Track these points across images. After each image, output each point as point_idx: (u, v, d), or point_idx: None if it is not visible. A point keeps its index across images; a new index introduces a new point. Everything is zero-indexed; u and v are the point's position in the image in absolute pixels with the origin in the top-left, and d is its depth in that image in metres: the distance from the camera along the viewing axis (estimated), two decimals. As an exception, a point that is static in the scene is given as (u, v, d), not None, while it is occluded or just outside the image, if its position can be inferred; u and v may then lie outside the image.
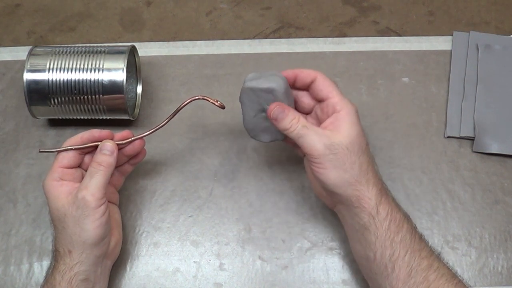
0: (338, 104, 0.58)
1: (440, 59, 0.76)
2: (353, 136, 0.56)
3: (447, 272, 0.54)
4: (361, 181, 0.56)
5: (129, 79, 0.72)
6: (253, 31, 0.80)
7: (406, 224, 0.56)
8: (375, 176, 0.57)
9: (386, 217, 0.55)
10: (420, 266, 0.54)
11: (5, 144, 0.72)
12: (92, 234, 0.57)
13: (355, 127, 0.57)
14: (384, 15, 0.81)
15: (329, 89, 0.59)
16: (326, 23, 0.80)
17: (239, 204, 0.68)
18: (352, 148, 0.56)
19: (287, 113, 0.57)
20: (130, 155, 0.64)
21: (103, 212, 0.57)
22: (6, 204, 0.68)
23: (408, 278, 0.54)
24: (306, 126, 0.57)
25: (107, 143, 0.60)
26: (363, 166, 0.56)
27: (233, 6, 0.82)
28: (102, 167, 0.59)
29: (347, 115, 0.57)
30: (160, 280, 0.65)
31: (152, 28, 0.81)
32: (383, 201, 0.56)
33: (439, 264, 0.55)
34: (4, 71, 0.77)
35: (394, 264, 0.54)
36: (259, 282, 0.64)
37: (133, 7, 0.83)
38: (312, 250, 0.66)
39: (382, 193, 0.56)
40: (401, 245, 0.54)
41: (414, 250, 0.54)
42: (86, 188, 0.57)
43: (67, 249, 0.57)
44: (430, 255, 0.55)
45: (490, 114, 0.72)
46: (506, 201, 0.68)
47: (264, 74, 0.60)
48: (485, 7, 0.81)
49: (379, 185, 0.57)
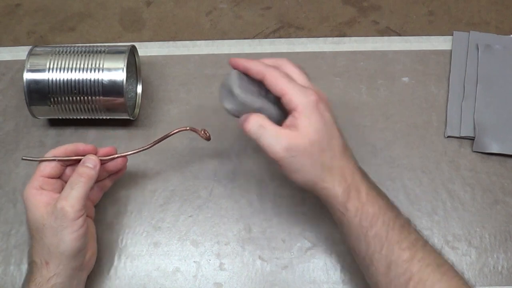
0: (292, 100, 0.54)
1: (440, 59, 0.76)
2: (311, 135, 0.54)
3: (434, 262, 0.53)
4: (325, 179, 0.55)
5: (129, 79, 0.72)
6: (253, 31, 0.80)
7: (382, 217, 0.54)
8: (341, 171, 0.55)
9: (356, 214, 0.54)
10: (401, 258, 0.52)
11: (5, 144, 0.72)
12: (70, 245, 0.56)
13: (314, 123, 0.54)
14: (384, 15, 0.81)
15: (281, 85, 0.55)
16: (326, 23, 0.80)
17: (239, 204, 0.68)
18: (311, 148, 0.54)
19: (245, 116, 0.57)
20: (111, 171, 0.64)
21: (81, 224, 0.57)
22: (6, 204, 0.68)
23: (388, 271, 0.53)
24: (262, 126, 0.55)
25: (90, 157, 0.60)
26: (325, 164, 0.54)
27: (233, 6, 0.82)
28: (83, 179, 0.59)
29: (302, 111, 0.54)
30: (160, 280, 0.65)
31: (152, 28, 0.81)
32: (352, 197, 0.54)
33: (424, 254, 0.53)
34: (4, 71, 0.77)
35: (372, 258, 0.54)
36: (259, 282, 0.64)
37: (133, 7, 0.83)
38: (312, 250, 0.66)
39: (350, 189, 0.54)
40: (376, 240, 0.53)
41: (392, 243, 0.53)
42: (66, 199, 0.57)
43: (44, 260, 0.57)
44: (413, 246, 0.53)
45: (490, 114, 0.72)
46: (506, 201, 0.68)
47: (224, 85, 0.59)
48: (485, 7, 0.81)
49: (348, 180, 0.55)
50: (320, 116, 0.55)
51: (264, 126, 0.55)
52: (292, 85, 0.55)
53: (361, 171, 0.57)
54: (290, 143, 0.54)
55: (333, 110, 0.57)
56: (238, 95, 0.57)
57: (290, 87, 0.55)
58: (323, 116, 0.55)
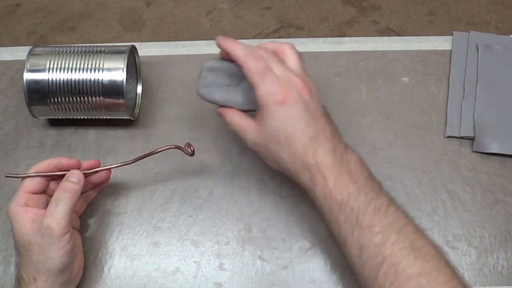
0: (258, 97, 0.57)
1: (440, 59, 0.76)
2: (267, 135, 0.57)
3: (409, 245, 0.52)
4: (290, 170, 0.58)
5: (129, 79, 0.72)
6: (253, 31, 0.80)
7: (352, 203, 0.54)
8: (302, 164, 0.56)
9: (325, 199, 0.55)
10: (372, 242, 0.53)
11: (5, 144, 0.72)
12: (57, 262, 0.56)
13: (271, 123, 0.57)
14: (384, 15, 0.81)
15: (252, 80, 0.57)
16: (326, 23, 0.80)
17: (239, 204, 0.68)
18: (269, 145, 0.58)
19: (221, 114, 0.62)
20: (95, 183, 0.64)
21: (68, 240, 0.57)
22: (6, 204, 0.68)
23: (361, 254, 0.53)
24: (231, 122, 0.60)
25: (74, 171, 0.61)
26: (286, 159, 0.57)
27: (233, 6, 0.82)
28: (68, 194, 0.59)
29: (264, 111, 0.57)
30: (160, 280, 0.65)
31: (152, 28, 0.81)
32: (318, 185, 0.56)
33: (399, 237, 0.52)
34: (4, 71, 0.77)
35: (345, 241, 0.55)
36: (259, 282, 0.64)
37: (133, 7, 0.83)
38: (312, 250, 0.66)
39: (314, 178, 0.56)
40: (347, 224, 0.54)
41: (363, 227, 0.53)
42: (51, 216, 0.57)
43: (32, 276, 0.57)
44: (386, 229, 0.53)
45: (490, 114, 0.72)
46: (506, 201, 0.68)
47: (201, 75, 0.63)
48: (485, 7, 0.81)
49: (313, 170, 0.56)
50: (283, 115, 0.56)
51: (231, 123, 0.61)
52: (262, 81, 0.57)
53: (336, 155, 0.56)
54: (253, 138, 0.59)
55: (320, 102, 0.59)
56: (202, 96, 0.63)
57: (260, 83, 0.57)
58: (287, 114, 0.56)
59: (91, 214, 0.67)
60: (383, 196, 0.56)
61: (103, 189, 0.67)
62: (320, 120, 0.57)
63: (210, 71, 0.62)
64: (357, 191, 0.55)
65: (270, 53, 0.59)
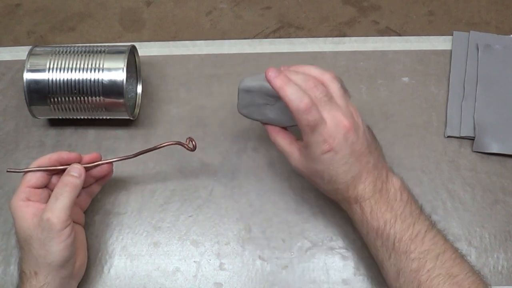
0: (305, 142, 0.57)
1: (440, 59, 0.76)
2: (311, 172, 0.59)
3: (445, 272, 0.54)
4: (331, 197, 0.61)
5: (129, 79, 0.72)
6: (253, 31, 0.80)
7: (388, 230, 0.56)
8: (342, 196, 0.59)
9: (363, 225, 0.58)
10: (409, 268, 0.54)
11: (5, 144, 0.72)
12: (57, 256, 0.57)
13: (316, 166, 0.57)
14: (384, 15, 0.81)
15: (301, 129, 0.57)
16: (326, 23, 0.80)
17: (239, 204, 0.68)
18: (313, 178, 0.60)
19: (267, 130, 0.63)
20: (97, 177, 0.64)
21: (69, 234, 0.57)
22: (6, 204, 0.68)
23: (397, 277, 0.55)
24: (276, 142, 0.62)
25: (75, 165, 0.61)
26: (327, 191, 0.60)
27: (233, 6, 0.82)
28: (68, 188, 0.59)
29: (309, 154, 0.57)
30: (160, 280, 0.65)
31: (152, 28, 0.81)
32: (356, 213, 0.58)
33: (435, 264, 0.54)
34: (4, 71, 0.77)
35: (382, 264, 0.57)
36: (259, 282, 0.64)
37: (133, 7, 0.83)
38: (312, 250, 0.66)
39: (352, 208, 0.58)
40: (383, 249, 0.56)
41: (400, 253, 0.55)
42: (51, 210, 0.57)
43: (33, 271, 0.57)
44: (423, 256, 0.54)
45: (490, 114, 0.72)
46: (506, 201, 0.68)
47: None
48: (485, 7, 0.81)
49: (351, 201, 0.58)
50: (328, 161, 0.57)
51: (276, 144, 0.62)
52: (311, 134, 0.56)
53: (377, 186, 0.57)
54: (296, 166, 0.60)
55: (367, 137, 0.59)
56: (245, 115, 0.63)
57: (310, 135, 0.56)
58: (332, 160, 0.56)
59: (91, 214, 0.67)
60: (422, 222, 0.57)
61: (103, 189, 0.67)
62: (364, 157, 0.58)
63: (246, 93, 0.62)
64: (394, 218, 0.56)
65: (320, 91, 0.57)
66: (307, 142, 0.57)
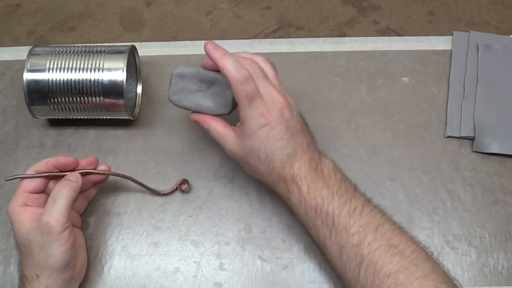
0: (242, 117, 0.59)
1: (440, 59, 0.76)
2: (247, 151, 0.59)
3: (386, 243, 0.54)
4: (267, 180, 0.61)
5: (129, 79, 0.72)
6: (253, 31, 0.80)
7: (326, 207, 0.56)
8: (279, 176, 0.59)
9: (300, 206, 0.58)
10: (350, 243, 0.54)
11: (5, 144, 0.72)
12: (58, 259, 0.57)
13: (252, 141, 0.58)
14: (384, 15, 0.81)
15: (238, 101, 0.58)
16: (326, 23, 0.80)
17: (239, 204, 0.68)
18: (247, 159, 0.60)
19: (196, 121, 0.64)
20: (94, 182, 0.64)
21: (68, 236, 0.57)
22: (6, 204, 0.68)
23: (340, 255, 0.55)
24: (209, 130, 0.62)
25: (73, 173, 0.61)
26: (263, 172, 0.60)
27: (233, 6, 0.82)
28: (66, 191, 0.59)
29: (246, 130, 0.58)
30: (160, 280, 0.65)
31: (152, 28, 0.81)
32: (292, 193, 0.58)
33: (375, 237, 0.54)
34: (4, 71, 0.77)
35: (324, 243, 0.57)
36: (259, 282, 0.64)
37: (133, 7, 0.83)
38: (312, 250, 0.65)
39: (289, 187, 0.58)
40: (324, 227, 0.56)
41: (340, 229, 0.55)
42: (49, 214, 0.57)
43: (35, 274, 0.57)
44: (362, 230, 0.54)
45: (490, 114, 0.72)
46: (506, 201, 0.68)
47: None
48: (485, 7, 0.81)
49: (288, 181, 0.58)
50: (264, 136, 0.58)
51: (210, 131, 0.62)
52: (249, 106, 0.58)
53: (311, 165, 0.58)
54: (232, 149, 0.61)
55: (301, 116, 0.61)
56: (173, 102, 0.64)
57: (245, 104, 0.58)
58: (268, 134, 0.58)
59: (91, 214, 0.67)
60: (358, 198, 0.57)
61: (102, 189, 0.67)
62: (298, 136, 0.59)
63: (180, 78, 0.64)
64: (331, 195, 0.57)
65: (256, 66, 0.60)
66: (244, 116, 0.58)
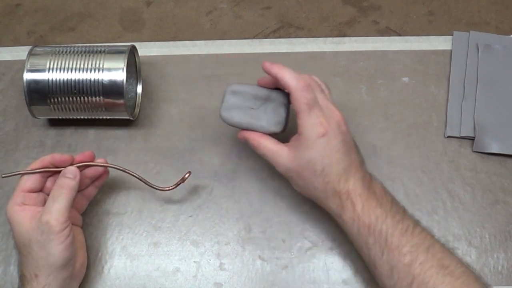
0: (300, 127, 0.59)
1: (440, 59, 0.76)
2: (303, 163, 0.59)
3: (437, 264, 0.54)
4: (319, 196, 0.60)
5: (129, 79, 0.72)
6: (253, 31, 0.80)
7: (380, 226, 0.56)
8: (334, 191, 0.58)
9: (353, 224, 0.58)
10: (401, 263, 0.54)
11: (5, 144, 0.72)
12: (58, 257, 0.57)
13: (311, 153, 0.58)
14: (384, 15, 0.81)
15: (298, 110, 0.59)
16: (326, 23, 0.80)
17: (239, 204, 0.68)
18: (302, 173, 0.59)
19: (246, 138, 0.63)
20: (93, 177, 0.64)
21: (67, 235, 0.58)
22: (6, 204, 0.68)
23: (391, 274, 0.55)
24: (261, 146, 0.61)
25: (69, 167, 0.61)
26: (318, 187, 0.59)
27: (233, 6, 0.82)
28: (65, 190, 0.59)
29: (304, 141, 0.58)
30: (160, 280, 0.65)
31: (152, 28, 0.81)
32: (346, 210, 0.58)
33: (427, 257, 0.54)
34: (4, 71, 0.77)
35: (375, 262, 0.57)
36: (259, 282, 0.64)
37: (133, 7, 0.83)
38: (312, 250, 0.66)
39: (343, 204, 0.58)
40: (376, 246, 0.56)
41: (392, 249, 0.55)
42: (50, 213, 0.57)
43: (33, 273, 0.57)
44: (414, 250, 0.55)
45: (490, 114, 0.72)
46: (506, 201, 0.68)
47: None
48: (485, 7, 0.81)
49: (343, 197, 0.58)
50: (322, 147, 0.58)
51: (260, 147, 0.62)
52: (307, 111, 0.58)
53: (364, 183, 0.59)
54: (286, 164, 0.60)
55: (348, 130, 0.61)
56: (224, 119, 0.63)
57: (305, 113, 0.58)
58: (326, 145, 0.58)
59: (91, 214, 0.67)
60: (409, 219, 0.58)
61: (102, 189, 0.67)
62: (352, 152, 0.60)
63: (233, 94, 0.63)
64: (384, 214, 0.57)
65: (313, 80, 0.61)
66: (303, 126, 0.58)
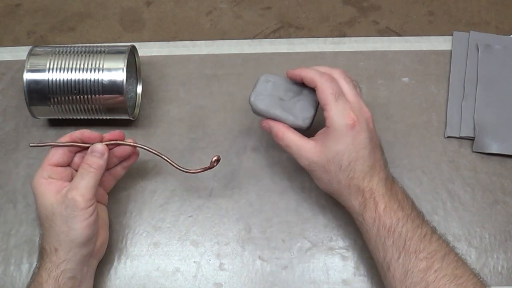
0: (328, 118, 0.59)
1: (440, 59, 0.76)
2: (331, 155, 0.58)
3: (451, 273, 0.54)
4: (342, 193, 0.59)
5: (129, 79, 0.72)
6: (253, 31, 0.80)
7: (400, 228, 0.56)
8: (357, 188, 0.58)
9: (374, 224, 0.57)
10: (417, 268, 0.54)
11: (5, 144, 0.72)
12: (80, 233, 0.57)
13: (338, 146, 0.58)
14: (384, 15, 0.81)
15: (325, 101, 0.59)
16: (326, 23, 0.80)
17: (239, 204, 0.68)
18: (329, 167, 0.59)
19: (271, 127, 0.62)
20: (121, 157, 0.64)
21: (92, 212, 0.58)
22: (6, 204, 0.68)
23: (404, 279, 0.55)
24: (286, 138, 0.61)
25: (98, 145, 0.61)
26: (342, 182, 0.59)
27: (233, 6, 0.82)
28: (93, 169, 0.59)
29: (332, 132, 0.58)
30: (160, 280, 0.65)
31: (152, 28, 0.81)
32: (369, 209, 0.57)
33: (442, 265, 0.55)
34: (4, 71, 0.77)
35: (389, 264, 0.56)
36: (259, 282, 0.64)
37: (133, 7, 0.83)
38: (312, 250, 0.66)
39: (366, 202, 0.58)
40: (394, 248, 0.56)
41: (410, 253, 0.55)
42: (76, 189, 0.58)
43: (54, 247, 0.57)
44: (431, 256, 0.55)
45: (490, 114, 0.72)
46: (506, 201, 0.68)
47: None
48: (485, 7, 0.81)
49: (366, 195, 0.58)
50: (350, 140, 0.58)
51: (285, 139, 0.61)
52: (334, 103, 0.58)
53: (387, 185, 0.59)
54: (311, 158, 0.59)
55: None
56: (252, 103, 0.62)
57: (332, 105, 0.58)
58: (354, 139, 0.58)
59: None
60: (427, 225, 0.58)
61: None
62: (378, 151, 0.60)
63: (266, 82, 0.63)
64: (405, 217, 0.57)
65: (346, 76, 0.62)
66: (331, 117, 0.58)
